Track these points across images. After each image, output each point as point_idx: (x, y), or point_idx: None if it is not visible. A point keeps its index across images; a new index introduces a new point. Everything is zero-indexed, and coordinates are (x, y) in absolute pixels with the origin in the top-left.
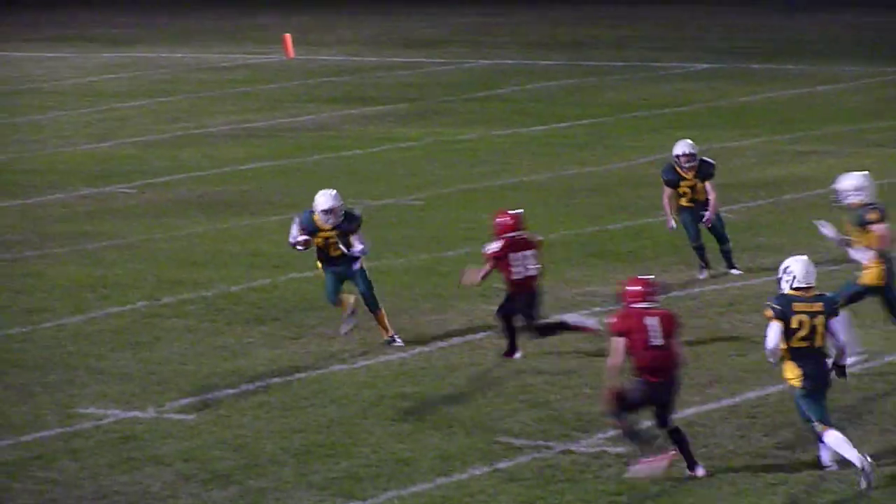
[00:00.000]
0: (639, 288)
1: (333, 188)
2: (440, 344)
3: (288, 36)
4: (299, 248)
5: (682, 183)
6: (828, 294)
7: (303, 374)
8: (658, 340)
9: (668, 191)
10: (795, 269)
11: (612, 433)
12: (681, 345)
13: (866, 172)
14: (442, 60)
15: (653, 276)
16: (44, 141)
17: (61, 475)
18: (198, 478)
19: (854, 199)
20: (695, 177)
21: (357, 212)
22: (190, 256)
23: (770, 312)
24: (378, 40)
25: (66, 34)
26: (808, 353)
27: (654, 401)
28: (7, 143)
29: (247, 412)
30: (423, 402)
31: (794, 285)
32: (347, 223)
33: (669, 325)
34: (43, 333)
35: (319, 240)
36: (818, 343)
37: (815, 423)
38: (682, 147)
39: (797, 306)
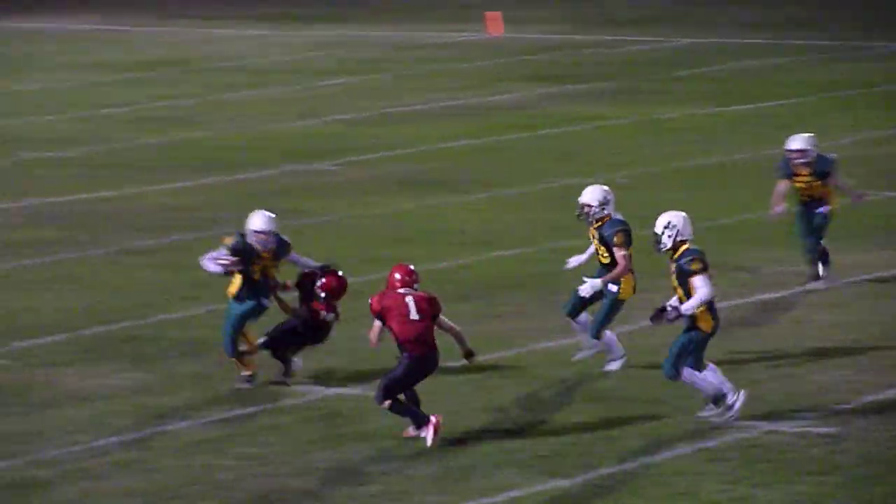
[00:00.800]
0: (400, 275)
1: (536, 166)
2: (645, 323)
3: (495, 13)
4: (216, 268)
5: (796, 178)
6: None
7: (506, 352)
8: (416, 316)
9: (782, 183)
10: (679, 224)
11: (817, 414)
12: (448, 323)
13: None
14: (647, 38)
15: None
16: (251, 117)
17: (266, 450)
18: (401, 454)
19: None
20: (810, 174)
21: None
22: (395, 234)
23: (699, 265)
24: (583, 18)
25: (275, 11)
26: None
27: (421, 372)
28: (215, 120)
29: (451, 389)
30: (626, 380)
31: (679, 238)
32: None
33: (429, 305)
34: None
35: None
36: None
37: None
38: (795, 142)
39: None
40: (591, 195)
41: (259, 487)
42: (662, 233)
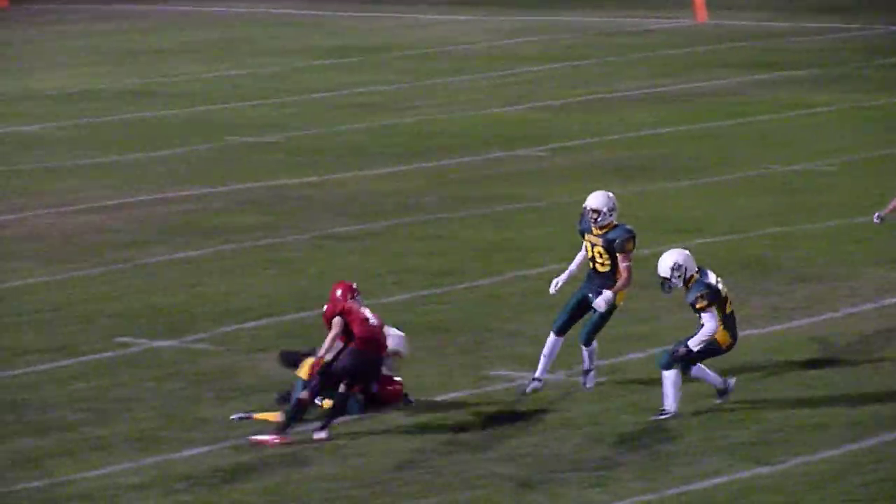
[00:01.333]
0: (342, 290)
1: (741, 152)
2: (850, 310)
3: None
4: None
5: None
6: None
7: None
8: (375, 321)
9: None
10: (686, 263)
11: None
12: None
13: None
14: (855, 25)
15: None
16: (455, 103)
17: (469, 436)
18: (606, 441)
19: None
20: None
21: None
22: None
23: (704, 302)
24: (790, 5)
25: None
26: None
27: (364, 371)
28: (419, 106)
29: (653, 375)
30: (831, 368)
31: (687, 276)
32: None
33: (379, 318)
34: (456, 295)
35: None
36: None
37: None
38: None
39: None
40: (601, 201)
41: (465, 471)
42: (671, 276)
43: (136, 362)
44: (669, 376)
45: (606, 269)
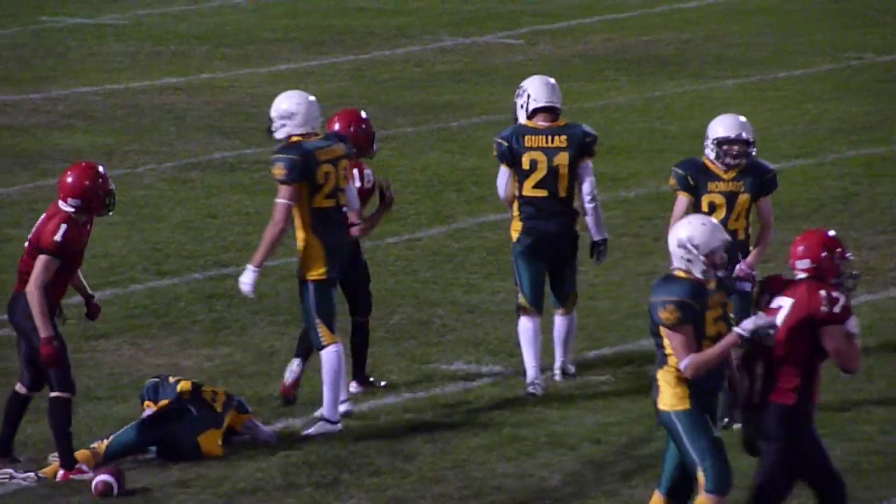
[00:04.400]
0: None
1: (813, 34)
2: None
3: None
4: None
5: None
6: None
7: None
8: None
9: None
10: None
11: None
12: None
13: None
14: None
15: None
16: None
17: (412, 466)
18: (612, 466)
19: None
20: None
21: None
22: None
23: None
24: None
25: None
26: None
27: None
28: None
29: None
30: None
31: None
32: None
33: None
34: (389, 252)
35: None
36: None
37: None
38: None
39: None
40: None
41: None
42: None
43: None
44: None
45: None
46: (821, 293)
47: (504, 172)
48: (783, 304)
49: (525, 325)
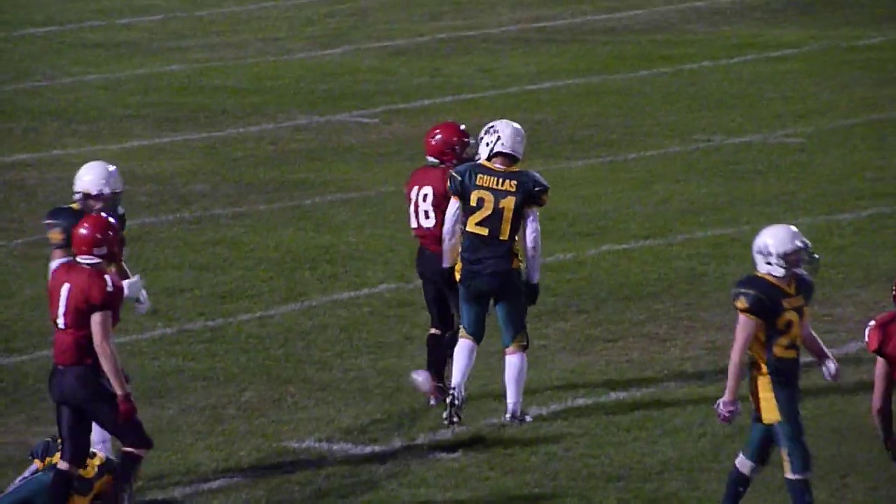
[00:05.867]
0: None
1: (664, 116)
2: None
3: None
4: None
5: None
6: None
7: None
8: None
9: None
10: None
11: None
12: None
13: None
14: None
15: None
16: (241, 45)
17: None
18: None
19: None
20: None
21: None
22: None
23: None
24: None
25: None
26: None
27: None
28: (186, 48)
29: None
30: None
31: None
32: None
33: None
34: (241, 330)
35: None
36: None
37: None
38: None
39: None
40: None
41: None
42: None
43: None
44: None
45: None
46: None
47: (454, 204)
48: None
49: (462, 342)
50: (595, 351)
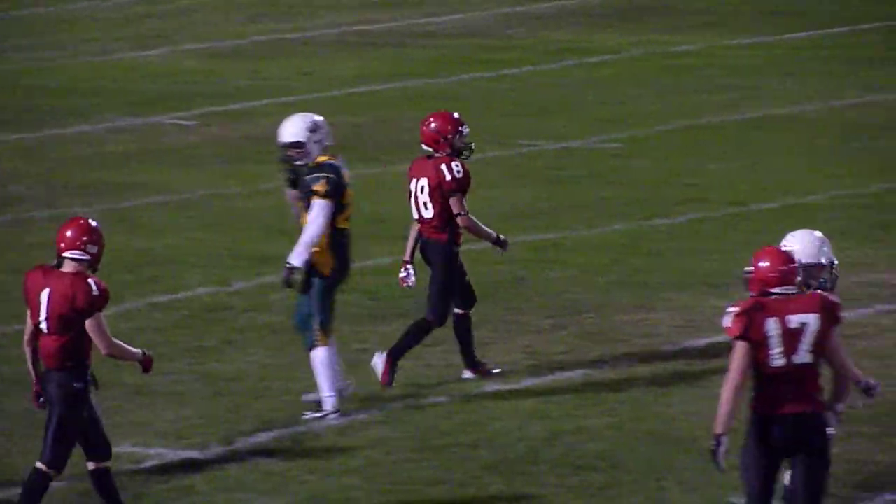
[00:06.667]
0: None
1: (486, 121)
2: (640, 355)
3: None
4: None
5: None
6: None
7: None
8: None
9: None
10: None
11: None
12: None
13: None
14: None
15: None
16: (59, 45)
17: None
18: None
19: None
20: None
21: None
22: None
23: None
24: None
25: None
26: None
27: None
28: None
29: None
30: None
31: None
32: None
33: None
34: None
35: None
36: None
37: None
38: None
39: None
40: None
41: None
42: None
43: None
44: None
45: None
46: None
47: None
48: None
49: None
50: (413, 355)
